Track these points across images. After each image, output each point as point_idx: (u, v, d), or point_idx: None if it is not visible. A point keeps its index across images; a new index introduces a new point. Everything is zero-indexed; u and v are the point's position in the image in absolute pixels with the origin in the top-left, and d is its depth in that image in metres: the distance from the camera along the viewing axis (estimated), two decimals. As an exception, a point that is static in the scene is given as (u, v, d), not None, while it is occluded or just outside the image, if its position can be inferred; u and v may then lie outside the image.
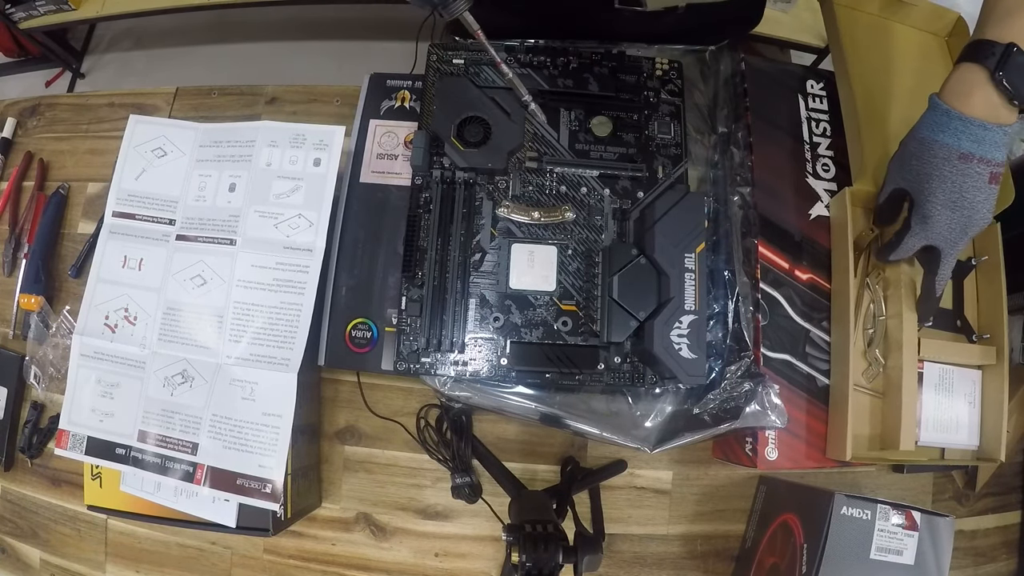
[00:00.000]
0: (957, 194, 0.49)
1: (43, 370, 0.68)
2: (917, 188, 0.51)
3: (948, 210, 0.49)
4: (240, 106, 0.76)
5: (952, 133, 0.48)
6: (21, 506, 0.69)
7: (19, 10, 1.61)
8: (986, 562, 0.65)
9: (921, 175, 0.50)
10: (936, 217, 0.50)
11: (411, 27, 0.67)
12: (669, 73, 0.63)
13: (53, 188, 0.75)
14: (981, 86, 0.47)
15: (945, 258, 0.52)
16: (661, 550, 0.63)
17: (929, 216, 0.50)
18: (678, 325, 0.51)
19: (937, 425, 0.58)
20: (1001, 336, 0.59)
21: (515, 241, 0.57)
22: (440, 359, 0.55)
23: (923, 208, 0.51)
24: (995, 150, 0.47)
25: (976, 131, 0.47)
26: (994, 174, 0.48)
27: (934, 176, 0.49)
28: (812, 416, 0.58)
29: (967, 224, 0.50)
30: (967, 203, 0.49)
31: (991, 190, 0.49)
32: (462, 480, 0.61)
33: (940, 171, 0.49)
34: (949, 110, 0.48)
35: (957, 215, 0.49)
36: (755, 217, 0.60)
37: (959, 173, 0.48)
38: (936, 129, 0.49)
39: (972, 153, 0.47)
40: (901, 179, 0.52)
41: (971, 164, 0.47)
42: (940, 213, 0.50)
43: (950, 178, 0.48)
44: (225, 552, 0.65)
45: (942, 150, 0.48)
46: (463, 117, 0.58)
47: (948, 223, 0.50)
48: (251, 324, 0.58)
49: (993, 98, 0.47)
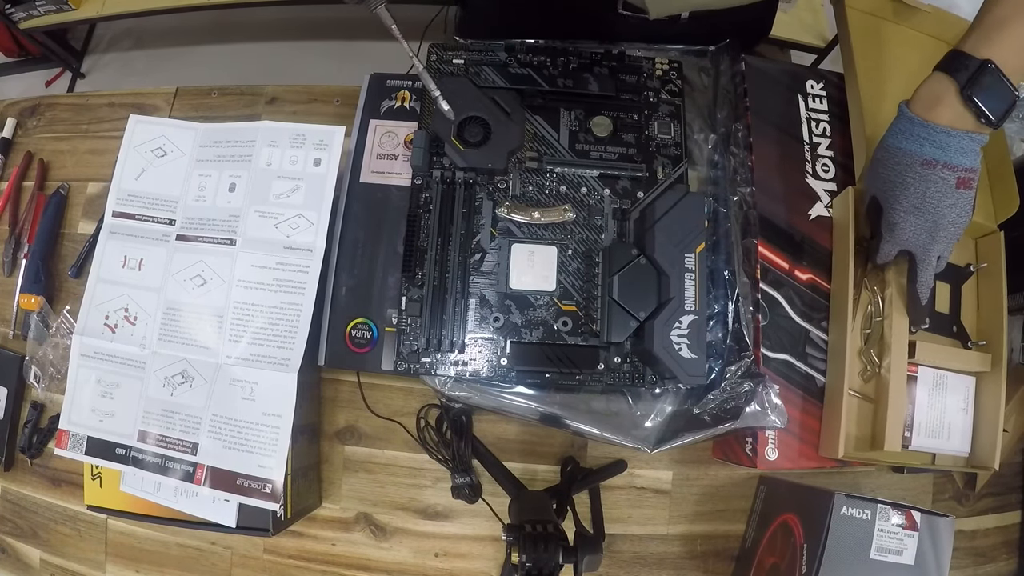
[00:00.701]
0: (920, 200, 0.49)
1: (43, 370, 0.68)
2: (883, 195, 0.51)
3: (912, 216, 0.50)
4: (240, 106, 0.76)
5: (915, 140, 0.48)
6: (21, 506, 0.69)
7: (19, 10, 1.61)
8: (986, 562, 0.65)
9: (887, 182, 0.50)
10: (901, 224, 0.50)
11: (412, 27, 0.67)
12: (669, 73, 0.63)
13: (53, 188, 0.75)
14: (949, 98, 0.47)
15: (921, 264, 0.52)
16: (661, 550, 0.63)
17: (895, 223, 0.51)
18: (678, 325, 0.51)
19: (929, 430, 0.58)
20: (999, 344, 0.58)
21: (515, 241, 0.57)
22: (440, 359, 0.55)
23: (889, 215, 0.51)
24: (961, 155, 0.47)
25: (940, 137, 0.47)
26: (963, 179, 0.48)
27: (898, 183, 0.49)
28: (812, 416, 0.58)
29: (934, 229, 0.50)
30: (931, 208, 0.49)
31: (960, 195, 0.48)
32: (462, 480, 0.61)
33: (903, 178, 0.49)
34: (913, 117, 0.48)
35: (922, 220, 0.50)
36: (755, 217, 0.60)
37: (922, 179, 0.48)
38: (900, 136, 0.49)
39: (935, 159, 0.47)
40: (872, 187, 0.53)
41: (934, 170, 0.48)
42: (905, 219, 0.50)
43: (912, 184, 0.48)
44: (225, 552, 0.65)
45: (905, 157, 0.49)
46: (463, 117, 0.58)
47: (914, 229, 0.50)
48: (251, 324, 0.58)
49: (960, 110, 0.47)
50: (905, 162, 0.49)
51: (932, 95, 0.48)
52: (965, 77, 0.46)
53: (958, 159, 0.47)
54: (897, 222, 0.51)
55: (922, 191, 0.48)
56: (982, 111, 0.46)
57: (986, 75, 0.45)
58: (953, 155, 0.47)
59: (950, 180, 0.48)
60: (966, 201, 0.49)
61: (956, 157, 0.47)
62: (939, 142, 0.47)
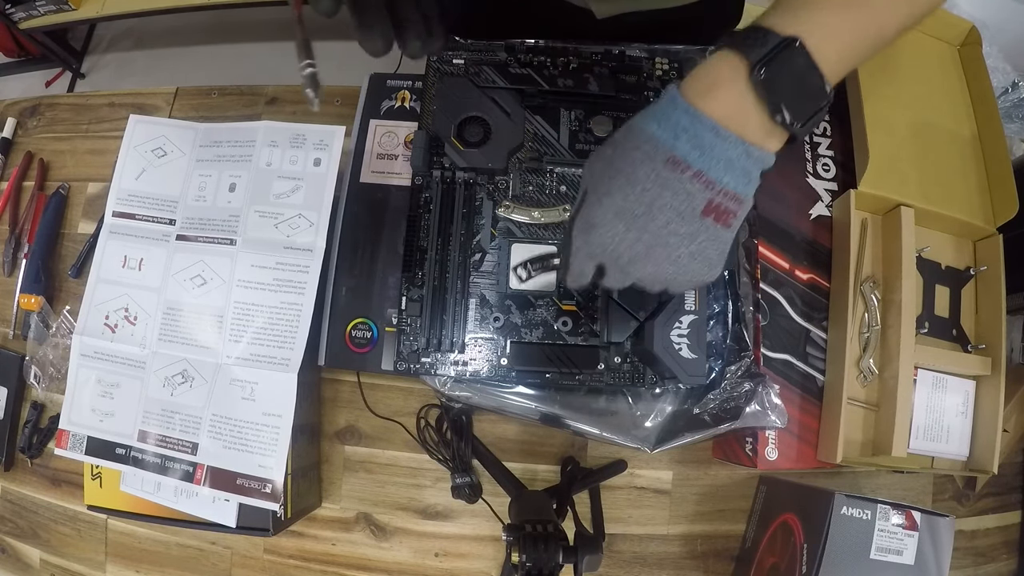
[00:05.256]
0: (644, 207, 0.34)
1: (43, 370, 0.68)
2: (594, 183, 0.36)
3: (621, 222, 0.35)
4: (240, 106, 0.76)
5: (670, 128, 0.34)
6: (21, 506, 0.69)
7: (19, 10, 1.62)
8: (986, 562, 0.65)
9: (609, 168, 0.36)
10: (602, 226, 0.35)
11: None
12: (669, 73, 0.63)
13: (53, 188, 0.75)
14: (733, 82, 0.34)
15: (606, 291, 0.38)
16: (661, 550, 0.63)
17: (594, 223, 0.36)
18: (678, 325, 0.51)
19: (928, 434, 0.58)
20: (998, 348, 0.58)
21: (515, 241, 0.57)
22: (440, 359, 0.55)
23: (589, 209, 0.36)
24: (726, 169, 0.34)
25: (704, 134, 0.33)
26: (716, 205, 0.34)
27: (623, 172, 0.35)
28: (812, 416, 0.58)
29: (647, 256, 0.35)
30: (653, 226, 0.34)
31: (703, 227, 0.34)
32: (462, 480, 0.61)
33: (634, 169, 0.35)
34: (676, 97, 0.35)
35: (634, 235, 0.35)
36: (755, 217, 0.60)
37: (657, 181, 0.34)
38: (653, 118, 0.35)
39: (687, 161, 0.33)
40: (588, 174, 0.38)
41: (680, 175, 0.34)
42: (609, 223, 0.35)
43: (641, 182, 0.34)
44: (225, 552, 0.65)
45: (648, 144, 0.35)
46: (463, 117, 0.58)
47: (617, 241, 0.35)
48: (251, 324, 0.58)
49: (745, 101, 0.34)
50: (646, 150, 0.34)
51: (712, 75, 0.34)
52: (760, 54, 0.33)
53: (719, 173, 0.33)
54: (597, 223, 0.35)
55: (651, 196, 0.34)
56: (778, 106, 0.33)
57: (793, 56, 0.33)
58: (714, 164, 0.33)
59: (697, 198, 0.34)
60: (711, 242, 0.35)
61: (717, 169, 0.33)
62: (701, 140, 0.33)
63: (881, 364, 0.57)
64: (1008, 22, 1.01)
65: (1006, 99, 0.86)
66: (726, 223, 0.35)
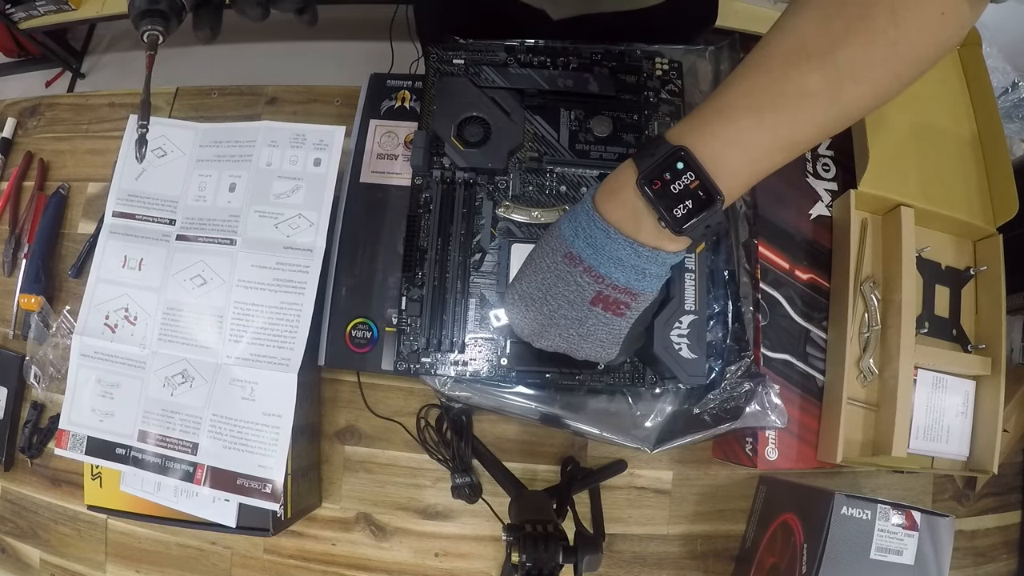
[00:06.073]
0: (541, 292, 0.41)
1: (43, 370, 0.68)
2: (520, 268, 0.44)
3: (526, 305, 0.42)
4: (240, 106, 0.76)
5: (573, 227, 0.40)
6: (21, 506, 0.69)
7: (19, 10, 1.62)
8: (986, 562, 0.65)
9: (529, 257, 0.43)
10: (509, 305, 0.43)
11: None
12: (669, 73, 0.63)
13: (53, 188, 0.75)
14: (629, 188, 0.38)
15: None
16: (661, 550, 0.63)
17: (507, 301, 0.44)
18: (678, 325, 0.51)
19: (928, 434, 0.58)
20: (998, 348, 0.58)
21: (515, 241, 0.56)
22: (440, 359, 0.55)
23: (508, 289, 0.44)
24: (614, 266, 0.38)
25: (597, 235, 0.38)
26: (604, 297, 0.39)
27: (533, 262, 0.42)
28: (812, 416, 0.58)
29: (541, 334, 0.42)
30: (547, 309, 0.41)
31: (592, 314, 0.40)
32: (462, 480, 0.61)
33: (542, 260, 0.41)
34: (587, 200, 0.40)
35: (531, 315, 0.42)
36: (755, 217, 0.60)
37: (556, 272, 0.40)
38: (567, 217, 0.41)
39: (580, 257, 0.39)
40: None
41: (573, 268, 0.39)
42: (516, 304, 0.42)
43: (543, 272, 0.41)
44: (225, 552, 0.65)
45: (556, 241, 0.41)
46: (463, 117, 0.58)
47: (523, 320, 0.42)
48: (251, 324, 0.58)
49: (637, 207, 0.38)
50: (553, 246, 0.41)
51: (616, 183, 0.39)
52: (647, 164, 0.37)
53: (608, 269, 0.38)
54: (508, 301, 0.43)
55: (548, 284, 0.40)
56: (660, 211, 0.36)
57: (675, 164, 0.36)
58: (604, 261, 0.38)
59: (586, 290, 0.39)
60: (601, 327, 0.40)
61: (607, 266, 0.38)
62: (593, 240, 0.38)
63: (881, 364, 0.57)
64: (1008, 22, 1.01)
65: (1006, 99, 0.86)
66: (617, 312, 0.40)
